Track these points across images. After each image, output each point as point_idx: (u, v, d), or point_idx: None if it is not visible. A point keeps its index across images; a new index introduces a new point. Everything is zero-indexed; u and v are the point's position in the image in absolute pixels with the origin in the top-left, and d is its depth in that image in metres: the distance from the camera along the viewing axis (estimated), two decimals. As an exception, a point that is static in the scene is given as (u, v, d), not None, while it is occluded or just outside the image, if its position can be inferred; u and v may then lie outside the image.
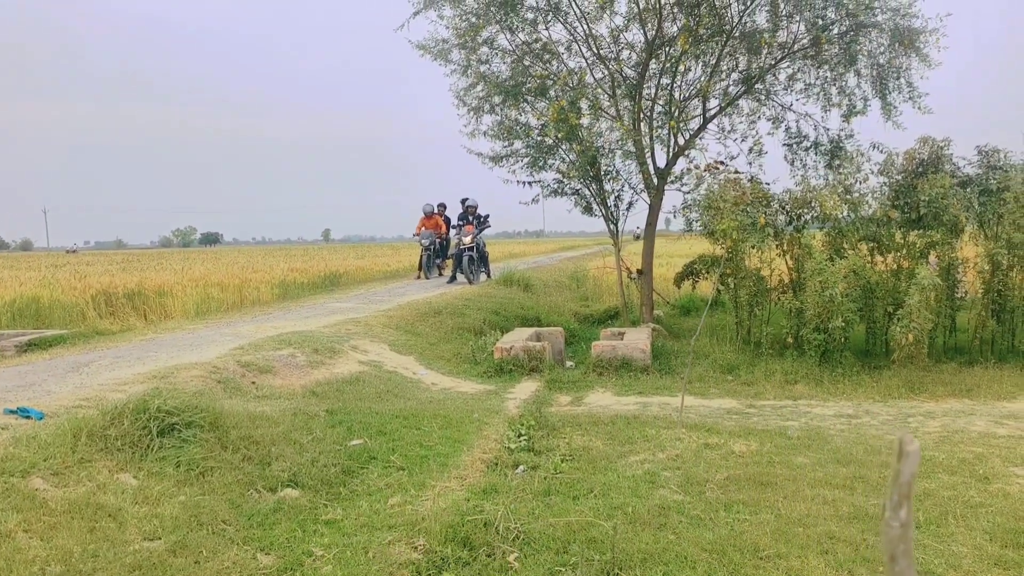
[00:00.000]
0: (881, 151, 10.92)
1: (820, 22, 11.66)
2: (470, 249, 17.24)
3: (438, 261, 20.23)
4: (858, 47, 11.70)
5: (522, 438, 6.51)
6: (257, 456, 5.13)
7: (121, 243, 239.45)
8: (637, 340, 10.44)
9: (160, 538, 3.96)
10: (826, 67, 12.26)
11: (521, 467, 5.77)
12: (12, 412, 5.45)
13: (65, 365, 7.84)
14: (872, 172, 10.91)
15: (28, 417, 5.34)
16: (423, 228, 19.26)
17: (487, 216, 18.04)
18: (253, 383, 7.17)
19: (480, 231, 17.65)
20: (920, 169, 10.44)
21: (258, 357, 7.95)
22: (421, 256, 20.11)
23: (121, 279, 16.48)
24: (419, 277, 20.23)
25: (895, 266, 10.63)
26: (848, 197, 10.68)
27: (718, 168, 11.88)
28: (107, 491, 4.31)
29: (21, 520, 3.86)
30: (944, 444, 6.50)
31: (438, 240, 19.63)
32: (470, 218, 17.66)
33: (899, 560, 0.53)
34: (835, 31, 11.72)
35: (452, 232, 18.78)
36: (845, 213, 10.77)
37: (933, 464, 5.82)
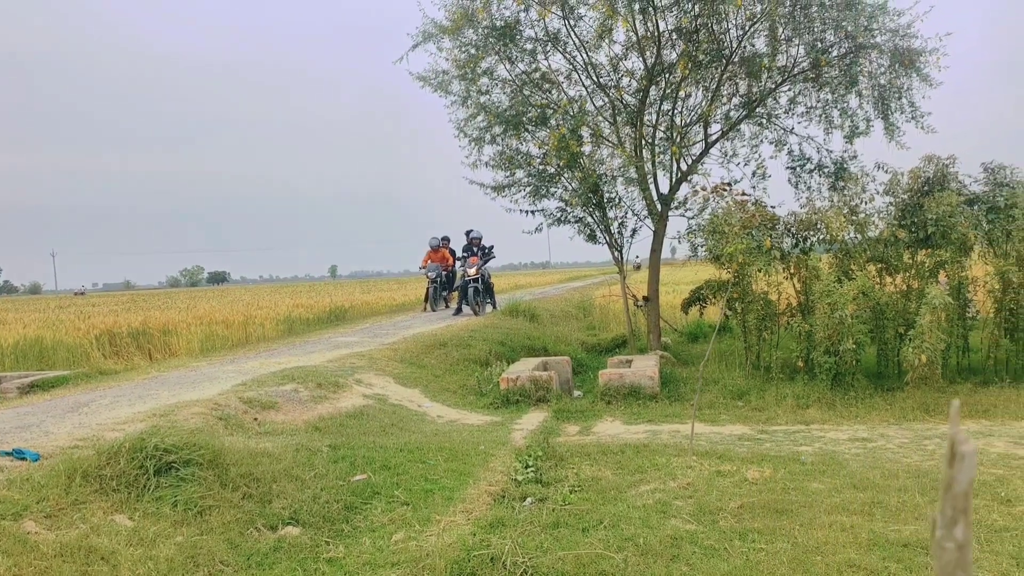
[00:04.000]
0: (886, 171, 10.85)
1: (819, 45, 11.68)
2: (475, 280, 17.16)
3: (444, 293, 20.15)
4: (858, 68, 11.69)
5: (529, 469, 6.36)
6: (257, 494, 4.99)
7: (129, 284, 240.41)
8: (645, 367, 10.30)
9: (155, 581, 3.83)
10: (827, 89, 12.25)
11: (529, 499, 5.62)
12: (7, 454, 5.33)
13: (65, 405, 7.73)
14: (877, 192, 10.82)
15: (23, 459, 5.23)
16: (429, 261, 19.23)
17: (492, 247, 17.98)
18: (255, 419, 7.05)
19: (485, 262, 17.58)
20: (926, 188, 10.34)
21: (260, 393, 7.83)
22: (427, 289, 20.05)
23: (126, 318, 16.44)
24: (425, 310, 20.15)
25: (904, 286, 10.50)
26: (854, 218, 10.59)
27: (725, 190, 11.81)
28: (101, 533, 4.18)
29: (12, 565, 3.73)
30: (963, 466, 6.32)
31: (444, 272, 19.58)
32: (475, 249, 17.59)
33: (957, 591, 0.42)
34: (834, 53, 11.73)
35: (457, 264, 18.73)
36: (851, 234, 10.68)
37: (953, 487, 5.63)
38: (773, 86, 12.40)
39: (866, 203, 10.77)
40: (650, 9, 11.56)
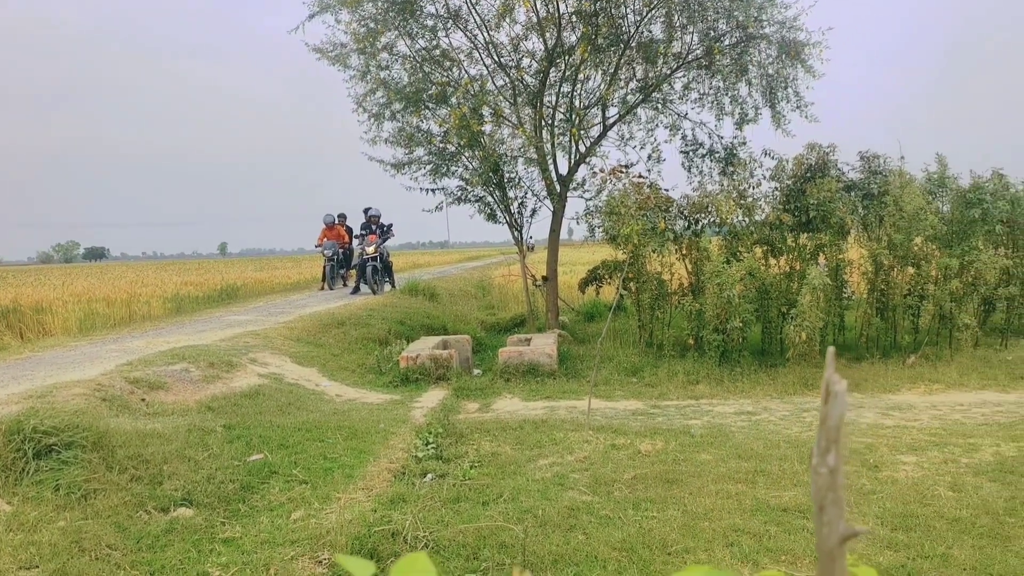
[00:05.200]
0: (772, 157, 11.34)
1: (712, 33, 12.06)
2: (374, 259, 16.94)
3: (342, 272, 19.81)
4: (748, 58, 12.15)
5: (430, 446, 6.40)
6: (147, 475, 4.83)
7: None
8: (544, 345, 10.48)
9: (38, 566, 3.66)
10: (719, 77, 12.67)
11: (429, 475, 5.66)
12: None
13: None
14: (764, 177, 11.32)
15: None
16: (325, 239, 18.83)
17: (390, 225, 17.76)
18: (143, 400, 6.79)
19: (383, 240, 17.37)
20: (808, 174, 10.88)
21: (148, 373, 7.54)
22: (324, 267, 19.66)
23: (-6, 296, 15.41)
24: (322, 288, 19.78)
25: (788, 268, 11.04)
26: (742, 202, 11.04)
27: (623, 172, 12.08)
28: (-23, 519, 3.97)
29: None
30: (837, 436, 6.75)
31: (341, 250, 19.23)
32: (373, 227, 17.33)
33: (828, 509, 0.49)
34: (727, 42, 12.14)
35: (355, 242, 18.42)
36: (740, 218, 11.12)
37: (828, 455, 6.02)
38: (668, 72, 12.73)
39: (754, 188, 11.25)
40: (551, -10, 11.65)
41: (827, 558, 0.50)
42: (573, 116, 12.98)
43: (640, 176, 12.14)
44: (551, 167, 12.98)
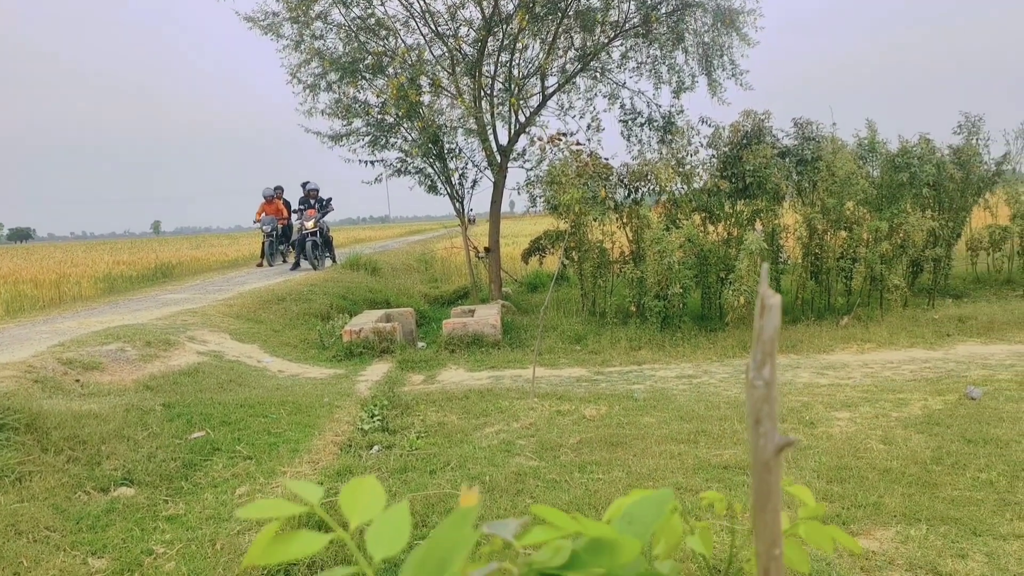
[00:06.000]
0: (709, 125, 11.48)
1: (649, 1, 12.10)
2: (313, 234, 16.68)
3: (281, 247, 19.45)
4: (684, 26, 12.26)
5: (375, 419, 6.38)
6: (84, 456, 4.71)
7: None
8: (487, 316, 10.50)
9: (-30, 552, 3.55)
10: (656, 45, 12.75)
11: (376, 447, 5.64)
12: None
13: None
14: (702, 145, 11.47)
15: None
16: (264, 214, 18.44)
17: (329, 199, 17.46)
18: (77, 381, 6.59)
19: (323, 215, 17.10)
20: (745, 141, 11.06)
21: (82, 353, 7.31)
22: (263, 243, 19.28)
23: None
24: (261, 265, 19.40)
25: (726, 234, 11.24)
26: (681, 170, 11.17)
27: (560, 140, 12.09)
28: (-98, 507, 3.81)
29: None
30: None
31: (280, 226, 18.87)
32: (311, 202, 17.03)
33: (764, 422, 0.50)
34: (663, 10, 12.20)
35: (294, 217, 18.07)
36: (679, 185, 11.26)
37: (766, 414, 6.20)
38: (606, 41, 12.74)
39: (691, 155, 11.39)
40: (487, -43, 11.52)
41: (763, 468, 0.51)
42: (512, 86, 12.91)
43: (578, 143, 12.17)
44: (491, 137, 12.93)
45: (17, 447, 4.46)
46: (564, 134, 12.39)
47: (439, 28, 12.53)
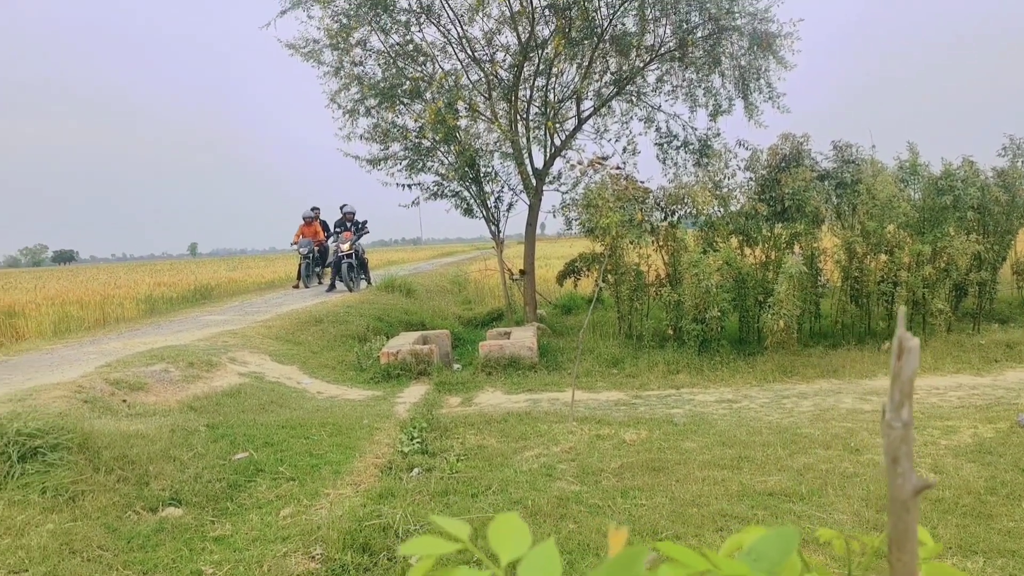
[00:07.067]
0: (746, 148, 11.43)
1: (685, 25, 12.13)
2: (349, 256, 16.86)
3: (317, 269, 19.66)
4: (720, 50, 12.24)
5: (415, 441, 6.39)
6: (134, 476, 4.78)
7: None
8: (524, 338, 10.50)
9: (27, 570, 3.61)
10: (692, 69, 12.75)
11: (416, 469, 5.65)
12: None
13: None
14: (739, 168, 11.41)
15: None
16: (302, 236, 18.69)
17: (365, 222, 17.67)
18: (124, 401, 6.71)
19: (358, 237, 17.28)
20: (783, 164, 10.99)
21: (128, 374, 7.45)
22: (299, 265, 19.52)
23: (-38, 301, 15.14)
24: (297, 286, 19.63)
25: (764, 257, 11.15)
26: (718, 193, 11.12)
27: (601, 164, 12.12)
28: (-39, 524, 3.90)
29: None
30: (818, 422, 6.85)
31: (316, 248, 19.09)
32: (348, 224, 17.24)
33: (902, 461, 0.50)
34: (699, 34, 12.21)
35: (330, 240, 18.29)
36: (716, 208, 11.21)
37: (810, 440, 6.11)
38: (642, 65, 12.78)
39: (729, 178, 11.34)
40: (524, -16, 11.64)
41: (901, 508, 0.51)
42: (548, 110, 12.99)
43: (617, 168, 12.19)
44: (527, 161, 13.00)
45: (70, 466, 4.54)
46: (604, 158, 12.43)
47: (476, 54, 12.67)
